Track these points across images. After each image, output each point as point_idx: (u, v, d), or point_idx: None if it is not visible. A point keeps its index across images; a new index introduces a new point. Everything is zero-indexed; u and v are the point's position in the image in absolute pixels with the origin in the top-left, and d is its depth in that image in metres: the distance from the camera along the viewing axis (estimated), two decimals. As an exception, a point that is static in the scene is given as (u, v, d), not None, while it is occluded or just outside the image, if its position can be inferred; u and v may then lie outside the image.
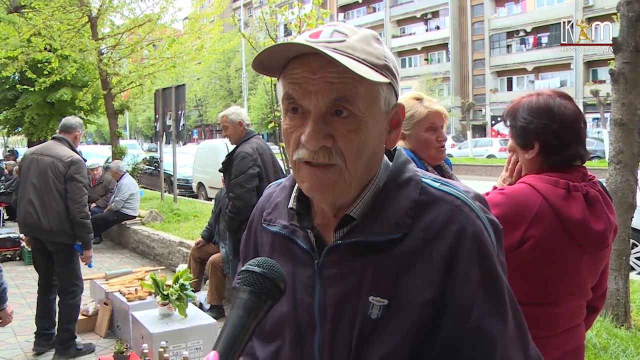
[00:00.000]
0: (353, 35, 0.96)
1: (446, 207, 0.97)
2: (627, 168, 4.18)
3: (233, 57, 51.00)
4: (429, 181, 1.02)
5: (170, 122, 10.54)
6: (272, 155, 4.93)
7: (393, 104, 1.02)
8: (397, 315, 0.94)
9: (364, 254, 0.98)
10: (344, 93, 0.92)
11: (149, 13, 11.74)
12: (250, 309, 0.88)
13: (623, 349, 3.65)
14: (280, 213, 1.11)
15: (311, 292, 1.03)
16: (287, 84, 0.96)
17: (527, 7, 41.55)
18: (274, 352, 1.09)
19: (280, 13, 6.54)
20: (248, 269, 0.91)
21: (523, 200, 1.66)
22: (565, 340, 1.73)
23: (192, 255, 6.24)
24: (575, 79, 38.28)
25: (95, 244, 9.69)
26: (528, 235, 1.63)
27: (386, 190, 1.01)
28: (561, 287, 1.69)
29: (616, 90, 4.22)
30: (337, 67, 0.90)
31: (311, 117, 0.94)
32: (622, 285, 4.26)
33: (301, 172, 0.98)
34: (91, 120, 20.14)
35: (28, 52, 11.32)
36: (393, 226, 0.97)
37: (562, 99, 1.75)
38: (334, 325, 1.00)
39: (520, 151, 1.80)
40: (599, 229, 1.68)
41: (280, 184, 1.19)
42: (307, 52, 0.93)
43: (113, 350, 4.30)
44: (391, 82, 0.98)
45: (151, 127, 45.02)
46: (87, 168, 5.13)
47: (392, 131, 1.04)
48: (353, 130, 0.94)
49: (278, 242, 1.11)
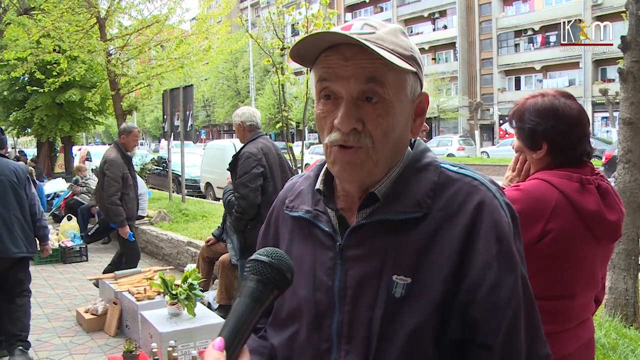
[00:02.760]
0: (382, 28, 1.03)
1: (464, 187, 1.03)
2: (636, 167, 4.16)
3: (240, 57, 51.04)
4: (447, 166, 1.09)
5: (178, 123, 10.58)
6: (280, 155, 4.93)
7: (418, 93, 1.08)
8: (421, 292, 0.98)
9: (386, 233, 1.02)
10: (374, 75, 0.99)
11: (156, 14, 11.80)
12: (256, 297, 0.90)
13: (632, 349, 3.63)
14: (303, 200, 1.17)
15: (331, 274, 1.06)
16: (321, 69, 1.04)
17: (535, 5, 41.27)
18: (289, 337, 1.11)
19: (287, 13, 6.56)
20: (257, 259, 0.93)
21: (540, 195, 1.69)
22: (580, 333, 1.77)
23: (201, 255, 6.26)
24: (584, 77, 37.98)
25: (103, 244, 9.77)
26: (548, 229, 1.66)
27: (407, 174, 1.07)
28: (578, 279, 1.73)
29: (625, 89, 4.19)
30: (368, 55, 0.97)
31: (344, 101, 1.01)
32: (631, 285, 4.23)
33: (332, 154, 1.04)
34: (99, 121, 20.28)
35: (37, 54, 11.39)
36: (414, 206, 1.02)
37: (566, 99, 1.79)
38: (353, 306, 1.03)
39: (529, 152, 1.85)
40: (613, 219, 1.73)
41: (304, 175, 1.24)
42: (339, 43, 1.01)
43: (122, 349, 4.33)
44: (417, 71, 1.05)
45: (159, 127, 45.20)
46: (119, 163, 6.04)
47: (417, 119, 1.10)
48: (382, 114, 1.01)
49: (299, 228, 1.16)
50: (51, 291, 6.82)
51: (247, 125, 4.83)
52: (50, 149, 21.24)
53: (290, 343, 1.11)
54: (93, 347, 4.91)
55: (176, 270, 7.04)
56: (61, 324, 5.58)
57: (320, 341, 1.06)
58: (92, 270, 7.73)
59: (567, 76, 40.04)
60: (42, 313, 5.93)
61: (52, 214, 12.15)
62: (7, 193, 4.52)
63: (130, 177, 6.20)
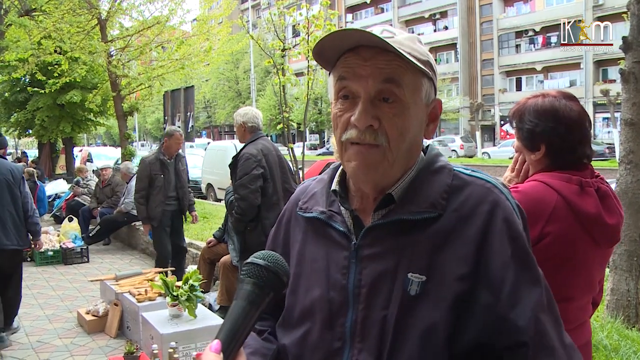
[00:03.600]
0: (400, 34, 1.07)
1: (478, 189, 1.06)
2: (638, 168, 4.16)
3: (242, 58, 51.07)
4: (460, 169, 1.11)
5: (180, 124, 10.59)
6: (280, 157, 4.92)
7: (432, 98, 1.12)
8: (435, 290, 0.99)
9: (401, 233, 1.04)
10: (392, 75, 1.03)
11: (157, 15, 11.79)
12: (252, 300, 0.91)
13: (634, 350, 3.62)
14: (317, 201, 1.19)
15: (346, 273, 1.08)
16: (340, 69, 1.07)
17: (536, 6, 41.28)
18: (301, 336, 1.12)
19: (288, 14, 6.55)
20: (253, 262, 0.94)
21: (539, 197, 1.68)
22: (577, 336, 1.74)
23: (202, 256, 6.27)
24: (585, 78, 37.98)
25: (104, 245, 9.79)
26: (546, 232, 1.65)
27: (421, 177, 1.10)
28: (577, 282, 1.72)
29: (626, 89, 4.19)
30: (387, 56, 1.02)
31: (361, 99, 1.04)
32: (633, 286, 4.23)
33: (348, 152, 1.07)
34: (100, 122, 20.30)
35: (38, 55, 11.40)
36: (429, 206, 1.04)
37: (567, 101, 1.77)
38: (367, 304, 1.04)
39: (527, 152, 1.84)
40: (612, 223, 1.72)
41: (316, 178, 1.27)
42: (359, 45, 1.04)
43: (123, 350, 4.33)
44: (432, 77, 1.09)
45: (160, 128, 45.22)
46: (149, 164, 6.48)
47: (430, 124, 1.14)
48: (397, 114, 1.04)
49: (312, 229, 1.17)
50: (52, 292, 6.81)
51: (248, 126, 4.82)
52: (52, 150, 21.26)
53: (302, 342, 1.11)
54: (94, 349, 4.91)
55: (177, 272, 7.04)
56: (62, 325, 5.57)
57: (334, 340, 1.07)
58: (93, 272, 7.73)
59: (568, 77, 40.04)
60: (43, 314, 5.93)
61: (54, 215, 12.16)
62: (3, 190, 4.97)
63: (162, 180, 6.43)
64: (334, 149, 1.17)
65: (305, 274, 1.13)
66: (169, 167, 6.54)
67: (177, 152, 6.69)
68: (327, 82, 1.16)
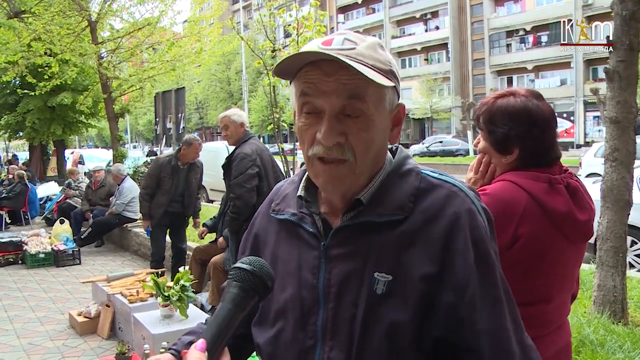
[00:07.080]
0: (361, 43, 1.06)
1: (444, 192, 1.07)
2: (623, 165, 4.21)
3: (233, 59, 51.04)
4: (428, 172, 1.13)
5: (171, 125, 10.59)
6: (271, 156, 4.97)
7: (395, 104, 1.12)
8: (401, 289, 1.02)
9: (368, 234, 1.06)
10: (356, 92, 1.02)
11: (148, 17, 11.76)
12: (238, 303, 0.95)
13: (620, 344, 3.67)
14: (289, 203, 1.20)
15: (316, 273, 1.10)
16: (302, 84, 1.06)
17: (527, 6, 41.48)
18: (274, 335, 1.14)
19: (278, 15, 6.57)
20: (240, 266, 0.98)
21: (508, 198, 1.63)
22: (556, 339, 1.73)
23: (194, 257, 6.27)
24: (576, 77, 38.19)
25: (96, 246, 9.76)
26: (519, 234, 1.61)
27: (390, 180, 1.11)
28: (553, 282, 1.70)
29: (611, 88, 4.24)
30: (349, 71, 1.00)
31: (326, 116, 1.04)
32: (619, 282, 4.28)
33: (316, 167, 1.08)
34: (92, 124, 20.21)
35: (28, 57, 11.33)
36: (396, 209, 1.06)
37: (538, 100, 1.72)
38: (337, 303, 1.06)
39: (497, 155, 1.76)
40: (583, 219, 1.69)
41: (289, 180, 1.28)
42: (320, 59, 1.03)
43: (115, 351, 4.34)
44: (395, 85, 1.08)
45: (152, 130, 45.03)
46: (161, 166, 6.51)
47: (394, 128, 1.14)
48: (363, 128, 1.04)
49: (285, 230, 1.19)
50: (44, 294, 6.80)
51: (245, 126, 4.89)
52: (43, 152, 21.15)
53: (275, 341, 1.14)
54: (86, 350, 4.91)
55: (169, 272, 7.03)
56: (54, 327, 5.57)
57: (306, 338, 1.09)
58: (85, 274, 7.72)
59: (559, 76, 40.26)
60: (35, 316, 5.93)
61: (45, 217, 12.12)
62: None
63: (170, 183, 6.42)
64: None
65: (279, 274, 1.14)
66: (180, 173, 6.46)
67: (193, 161, 6.53)
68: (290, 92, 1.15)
